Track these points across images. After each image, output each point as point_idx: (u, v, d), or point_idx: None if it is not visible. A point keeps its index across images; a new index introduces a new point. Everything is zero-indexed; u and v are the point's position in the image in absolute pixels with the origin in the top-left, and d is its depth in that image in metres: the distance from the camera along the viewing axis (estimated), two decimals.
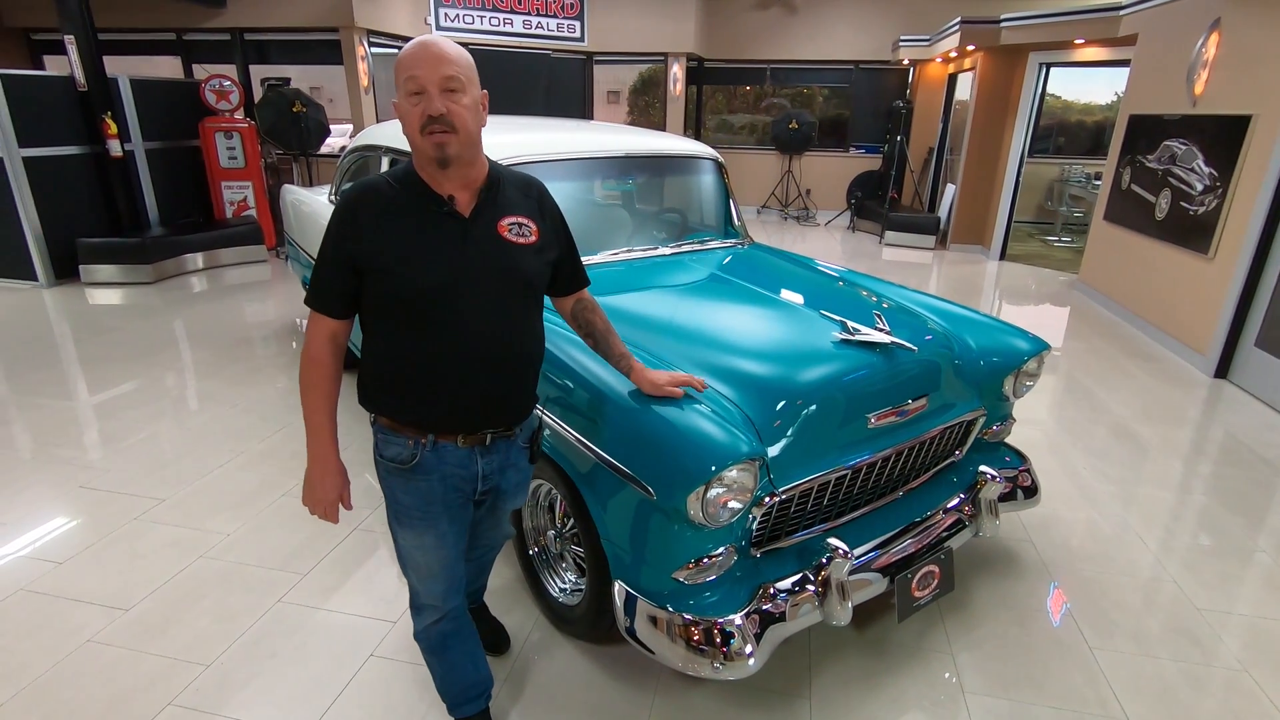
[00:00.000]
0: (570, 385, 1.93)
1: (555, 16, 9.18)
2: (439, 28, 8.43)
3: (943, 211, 8.96)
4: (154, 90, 6.85)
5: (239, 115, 7.28)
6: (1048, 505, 3.03)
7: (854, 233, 9.79)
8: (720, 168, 3.31)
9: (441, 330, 1.39)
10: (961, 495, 2.31)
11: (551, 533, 2.26)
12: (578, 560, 2.23)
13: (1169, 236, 5.22)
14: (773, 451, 1.82)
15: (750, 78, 11.00)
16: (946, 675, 2.11)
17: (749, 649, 1.75)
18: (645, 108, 13.30)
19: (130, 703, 1.94)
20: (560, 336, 1.96)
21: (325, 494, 1.49)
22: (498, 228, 1.43)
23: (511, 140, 2.78)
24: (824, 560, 1.87)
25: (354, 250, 1.36)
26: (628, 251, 2.76)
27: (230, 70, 7.75)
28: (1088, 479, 3.26)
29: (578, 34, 9.38)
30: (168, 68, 8.13)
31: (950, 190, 8.78)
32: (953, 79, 9.39)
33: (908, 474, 2.26)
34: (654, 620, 1.77)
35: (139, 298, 5.90)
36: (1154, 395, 4.27)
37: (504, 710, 1.94)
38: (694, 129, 11.09)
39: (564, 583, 2.26)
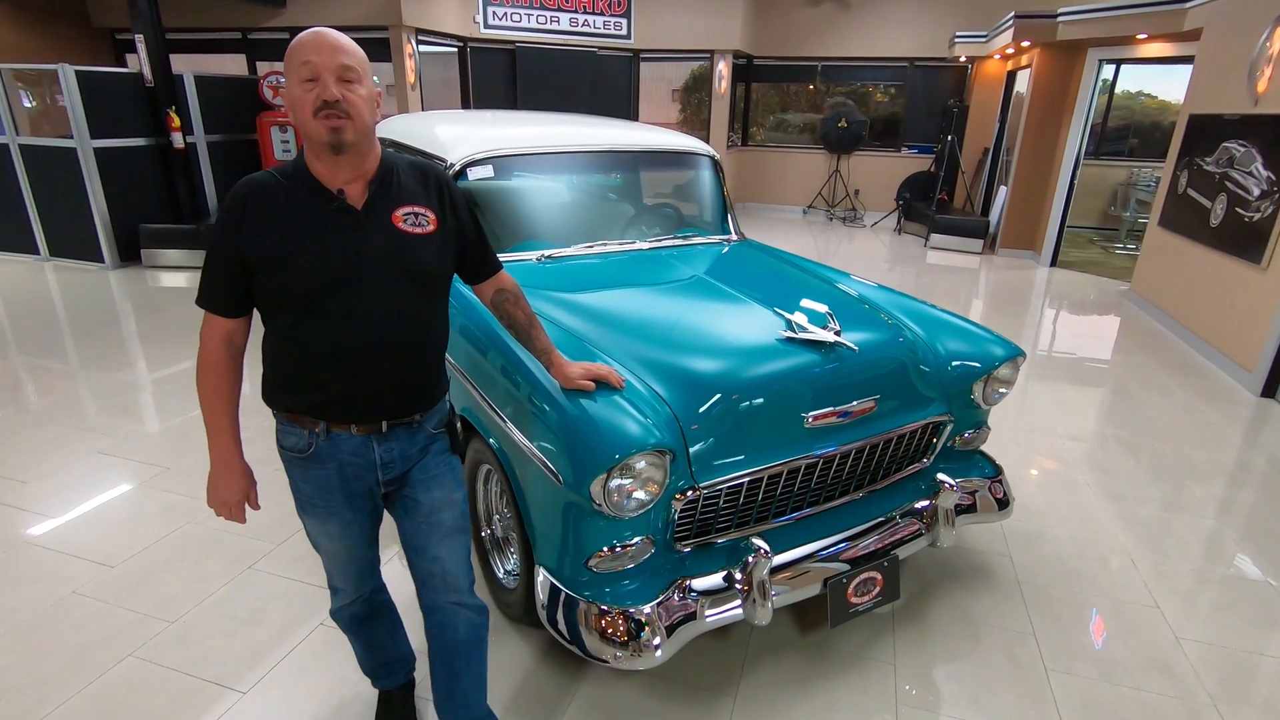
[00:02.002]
0: (498, 368, 1.97)
1: (602, 14, 9.25)
2: (486, 26, 8.63)
3: (994, 215, 8.61)
4: (216, 86, 7.27)
5: None
6: (1037, 520, 2.89)
7: (900, 235, 9.51)
8: (714, 164, 3.28)
9: (334, 323, 1.38)
10: (921, 503, 2.24)
11: (496, 516, 2.31)
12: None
13: (1222, 244, 4.88)
14: (694, 445, 1.81)
15: (801, 75, 10.82)
16: (882, 686, 2.05)
17: (657, 640, 1.75)
18: (698, 106, 13.25)
19: (96, 651, 2.09)
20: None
21: (229, 495, 1.51)
22: (392, 218, 1.43)
23: (495, 134, 2.84)
24: (749, 559, 1.85)
25: (242, 247, 1.35)
26: (603, 245, 2.78)
27: None
28: (1089, 495, 3.10)
29: (624, 31, 9.43)
30: (233, 65, 8.59)
31: (1003, 193, 8.42)
32: (1011, 76, 9.00)
33: (865, 477, 2.21)
34: (566, 606, 1.79)
35: (196, 281, 6.27)
36: (1189, 412, 4.00)
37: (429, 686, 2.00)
38: (741, 127, 11.00)
39: (509, 565, 2.31)
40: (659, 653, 1.75)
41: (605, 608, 1.77)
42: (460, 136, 2.80)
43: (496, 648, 2.15)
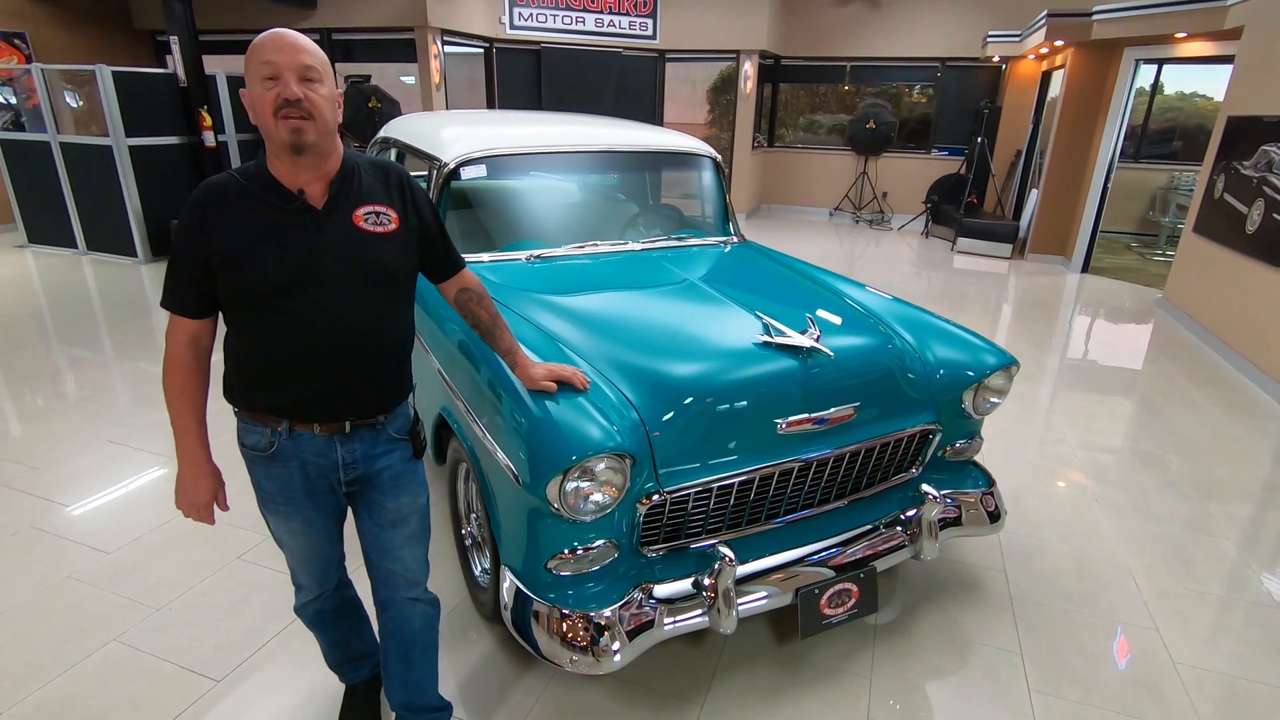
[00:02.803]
0: (470, 367, 1.97)
1: (628, 14, 9.25)
2: (512, 27, 8.69)
3: (1025, 219, 8.38)
4: None
5: None
6: (1037, 535, 2.80)
7: (927, 238, 9.32)
8: (715, 165, 3.25)
9: (295, 323, 1.39)
10: (908, 513, 2.19)
11: (473, 515, 2.31)
12: None
13: (1258, 252, 4.67)
14: (660, 449, 1.79)
15: (829, 76, 10.68)
16: (855, 700, 2.00)
17: (616, 646, 1.74)
18: (727, 106, 13.16)
19: (82, 635, 2.15)
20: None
21: (197, 497, 1.51)
22: (353, 218, 1.43)
23: (489, 134, 2.85)
24: (715, 566, 1.83)
25: (203, 249, 1.35)
26: (594, 246, 2.77)
27: None
28: (1096, 511, 2.98)
29: (650, 32, 9.42)
30: None
31: (1034, 196, 8.19)
32: (1046, 77, 8.75)
33: (847, 485, 2.16)
34: (524, 607, 1.79)
35: None
36: (1215, 427, 3.84)
37: None
38: (768, 128, 10.89)
39: (486, 564, 2.31)
40: (617, 658, 1.73)
41: (565, 611, 1.76)
42: (456, 137, 2.82)
43: (468, 646, 2.16)
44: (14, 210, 7.17)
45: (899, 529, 2.18)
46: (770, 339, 2.00)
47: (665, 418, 1.81)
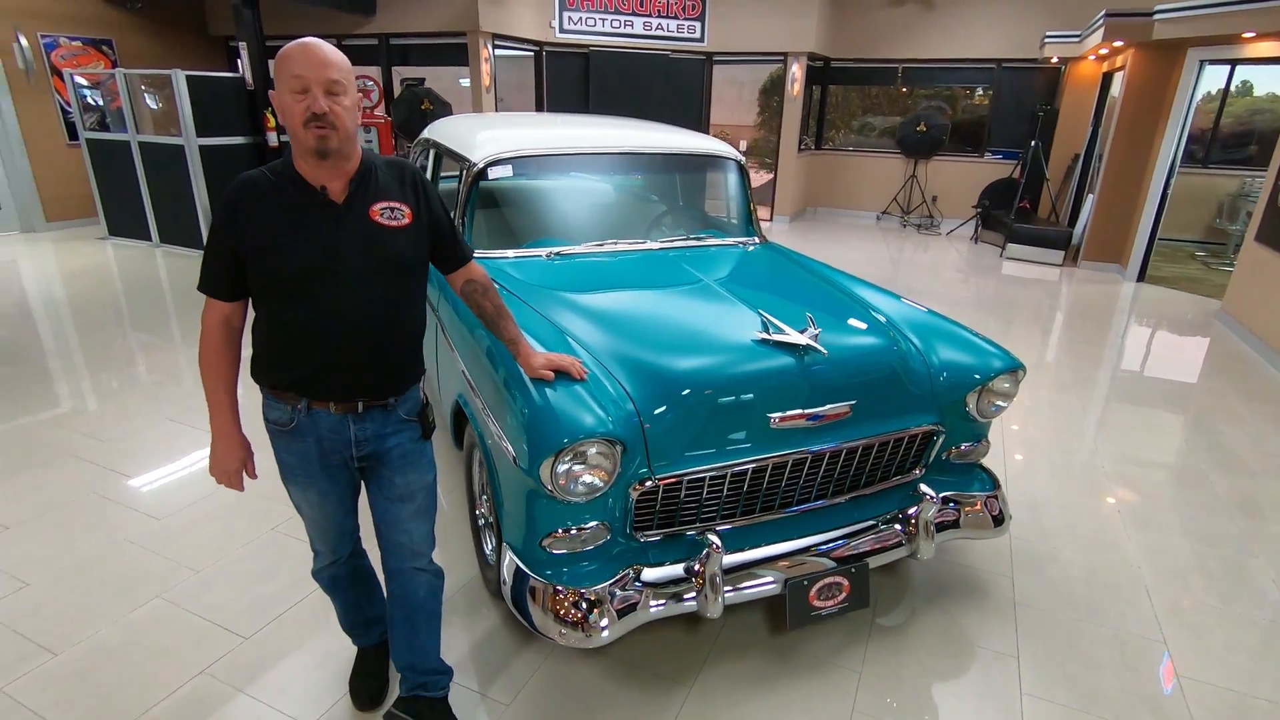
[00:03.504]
0: (481, 355, 2.09)
1: (676, 18, 9.33)
2: (561, 31, 8.88)
3: (1081, 225, 8.12)
4: None
5: (378, 112, 8.13)
6: (1051, 542, 2.77)
7: (977, 244, 9.11)
8: (739, 167, 3.30)
9: (316, 307, 1.53)
10: (902, 513, 2.21)
11: (484, 497, 2.44)
12: None
13: None
14: (653, 438, 1.87)
15: (880, 78, 10.53)
16: (842, 692, 2.04)
17: (604, 623, 1.83)
18: (778, 108, 13.11)
19: (132, 590, 2.36)
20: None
21: (228, 464, 1.65)
22: (370, 212, 1.57)
23: (518, 135, 2.98)
24: (704, 554, 1.90)
25: (233, 239, 1.49)
26: (614, 244, 2.86)
27: (376, 71, 8.66)
28: (1118, 522, 2.93)
29: (698, 34, 9.48)
30: None
31: (1090, 202, 7.93)
32: (1107, 78, 8.45)
33: (845, 481, 2.20)
34: (522, 582, 1.89)
35: None
36: (1259, 443, 3.69)
37: None
38: (816, 130, 10.81)
39: (494, 543, 2.43)
40: (605, 634, 1.83)
41: (559, 587, 1.86)
42: (485, 139, 2.96)
43: (477, 620, 2.28)
44: (97, 205, 7.72)
45: (898, 527, 2.21)
46: (768, 336, 2.06)
47: (659, 408, 1.89)
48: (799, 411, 1.99)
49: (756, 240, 3.19)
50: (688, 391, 1.91)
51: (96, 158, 7.51)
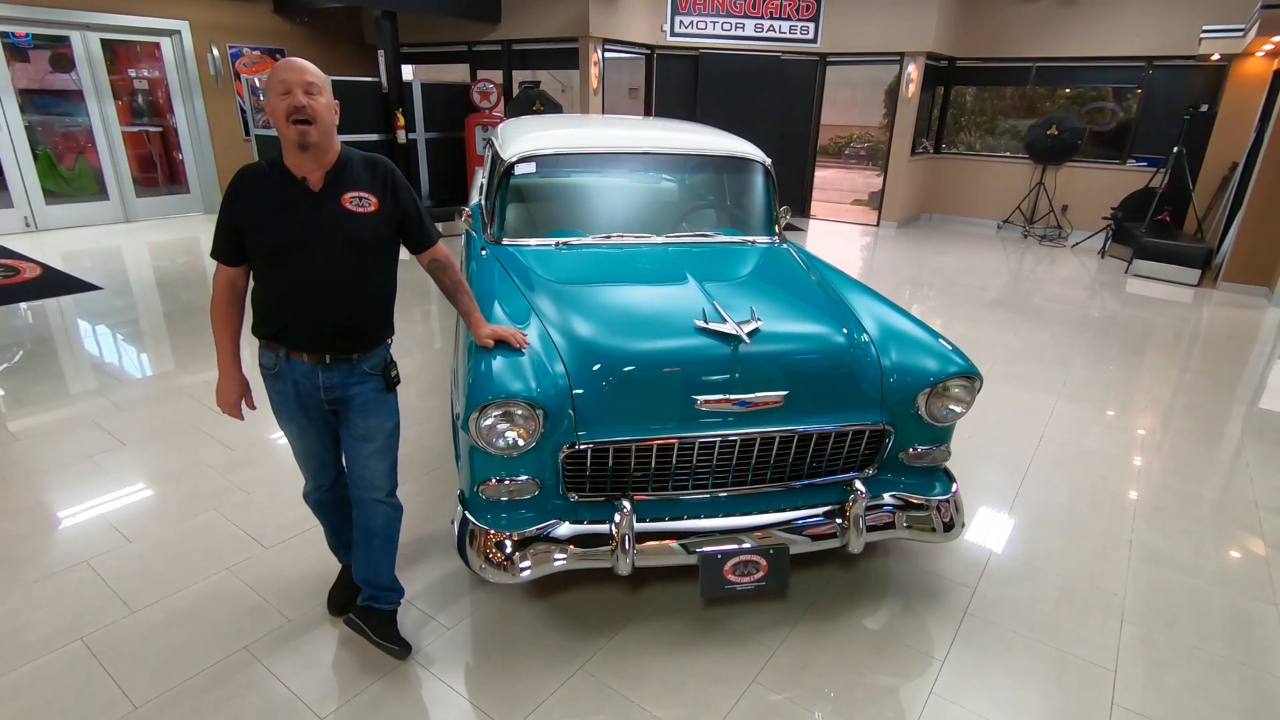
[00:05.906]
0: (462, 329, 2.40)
1: (789, 19, 9.30)
2: (673, 34, 9.14)
3: (1229, 243, 7.24)
4: (436, 91, 8.64)
5: (497, 112, 8.80)
6: (1035, 562, 2.67)
7: (1104, 258, 8.37)
8: (765, 170, 3.39)
9: (293, 274, 1.89)
10: (838, 506, 2.28)
11: None
12: None
13: None
14: (581, 405, 2.09)
15: (1011, 78, 9.88)
16: (748, 665, 2.15)
17: (525, 564, 2.08)
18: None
19: (195, 501, 2.92)
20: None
21: (229, 396, 2.04)
22: (342, 200, 1.91)
23: (547, 135, 3.28)
24: (616, 517, 2.10)
25: (234, 216, 1.87)
26: (619, 237, 3.08)
27: (498, 75, 9.37)
28: (1124, 552, 2.76)
29: (811, 35, 9.38)
30: (460, 74, 10.07)
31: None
32: (1277, 77, 7.46)
33: (784, 469, 2.30)
34: (465, 526, 2.18)
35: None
36: None
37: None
38: (936, 133, 10.33)
39: None
40: (524, 574, 2.08)
41: (490, 531, 2.13)
42: (521, 138, 3.28)
43: (448, 559, 2.60)
44: None
45: (838, 521, 2.28)
46: (705, 324, 2.21)
47: (589, 379, 2.11)
48: (723, 396, 2.13)
49: (771, 240, 3.28)
50: (614, 366, 2.11)
51: (262, 151, 8.72)
